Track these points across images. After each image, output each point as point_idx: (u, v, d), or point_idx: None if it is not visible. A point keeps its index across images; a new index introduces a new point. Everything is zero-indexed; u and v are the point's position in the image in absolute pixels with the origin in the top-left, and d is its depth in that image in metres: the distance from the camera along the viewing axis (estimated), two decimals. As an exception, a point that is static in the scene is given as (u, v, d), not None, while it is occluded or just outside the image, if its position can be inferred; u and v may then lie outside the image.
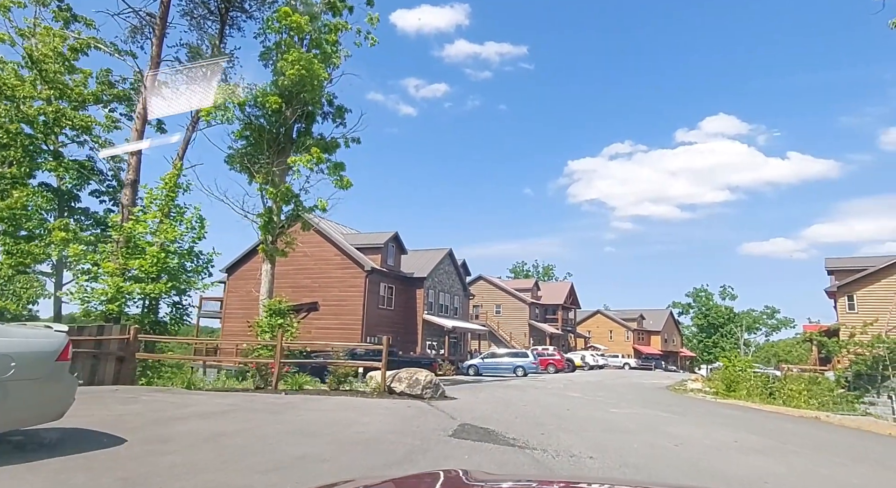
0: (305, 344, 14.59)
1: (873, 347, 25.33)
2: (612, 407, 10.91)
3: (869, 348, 25.35)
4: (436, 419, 7.79)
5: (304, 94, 17.24)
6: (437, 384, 10.66)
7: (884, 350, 25.03)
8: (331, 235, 32.99)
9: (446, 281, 38.41)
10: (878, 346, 25.43)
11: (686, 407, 12.40)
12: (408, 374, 10.51)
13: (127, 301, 14.53)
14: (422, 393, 10.23)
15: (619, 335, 68.54)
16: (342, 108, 19.99)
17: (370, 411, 8.12)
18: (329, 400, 9.25)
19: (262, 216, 17.11)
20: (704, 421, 9.46)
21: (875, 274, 32.82)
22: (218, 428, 6.03)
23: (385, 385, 10.51)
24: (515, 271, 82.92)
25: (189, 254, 14.51)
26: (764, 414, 11.55)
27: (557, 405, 10.95)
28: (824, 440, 8.02)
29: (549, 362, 35.96)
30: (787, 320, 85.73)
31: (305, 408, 8.08)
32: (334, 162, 18.20)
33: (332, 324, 31.28)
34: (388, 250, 33.88)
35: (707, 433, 7.81)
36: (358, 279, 31.93)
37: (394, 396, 10.34)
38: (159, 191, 14.64)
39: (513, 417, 8.53)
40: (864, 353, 25.97)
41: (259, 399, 9.19)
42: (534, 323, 53.57)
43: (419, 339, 34.56)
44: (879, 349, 25.28)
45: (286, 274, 32.97)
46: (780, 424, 9.55)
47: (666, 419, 9.33)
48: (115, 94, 19.07)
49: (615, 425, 8.23)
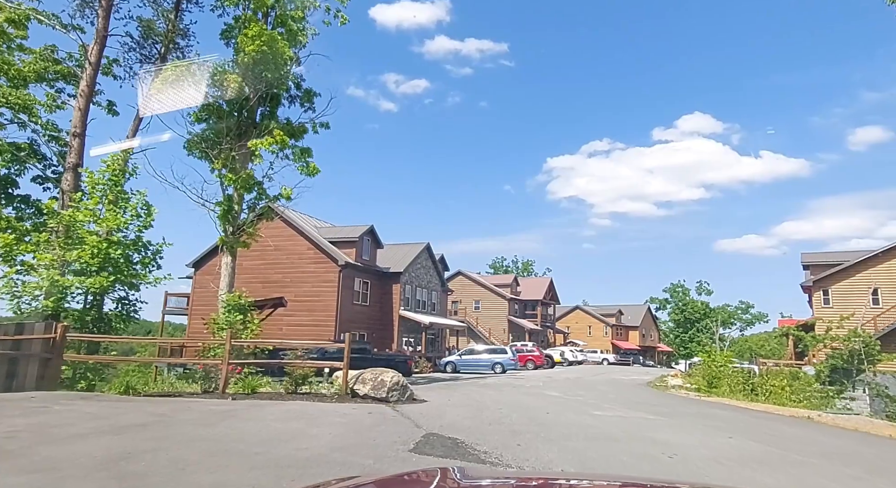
0: (270, 342, 13.39)
1: (849, 341, 25.24)
2: (594, 409, 10.09)
3: (845, 342, 25.27)
4: (398, 428, 6.80)
5: (267, 73, 15.98)
6: (405, 385, 9.66)
7: (859, 344, 24.96)
8: (303, 228, 31.64)
9: (424, 276, 37.38)
10: (853, 341, 25.35)
11: (671, 406, 11.67)
12: (372, 375, 9.49)
13: (66, 296, 13.14)
14: (387, 395, 9.23)
15: (598, 330, 68.56)
16: (311, 91, 18.77)
17: (322, 420, 7.08)
18: (279, 407, 8.17)
19: (221, 205, 15.81)
20: (695, 424, 8.69)
21: (849, 269, 32.99)
22: (125, 448, 4.93)
23: (347, 387, 9.48)
24: (495, 267, 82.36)
25: (135, 244, 13.17)
26: (753, 414, 10.88)
27: (536, 407, 10.08)
28: (827, 446, 7.29)
29: (528, 358, 35.33)
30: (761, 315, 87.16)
31: (247, 418, 7.00)
32: (301, 147, 17.01)
33: (304, 321, 30.01)
34: (363, 244, 32.67)
35: (701, 440, 7.00)
36: (331, 274, 30.64)
37: (356, 400, 9.32)
38: (101, 175, 13.26)
39: (486, 424, 7.60)
40: (841, 348, 25.90)
41: (198, 406, 8.06)
42: (513, 318, 52.98)
43: (395, 336, 33.48)
44: (855, 343, 25.20)
45: (255, 268, 31.56)
46: (774, 426, 8.85)
47: (653, 423, 8.53)
48: (61, 71, 17.48)
49: (600, 432, 7.37)
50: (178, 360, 16.06)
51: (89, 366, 12.56)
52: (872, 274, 32.64)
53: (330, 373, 12.10)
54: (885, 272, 32.31)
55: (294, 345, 12.73)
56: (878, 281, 32.47)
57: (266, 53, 15.63)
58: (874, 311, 31.40)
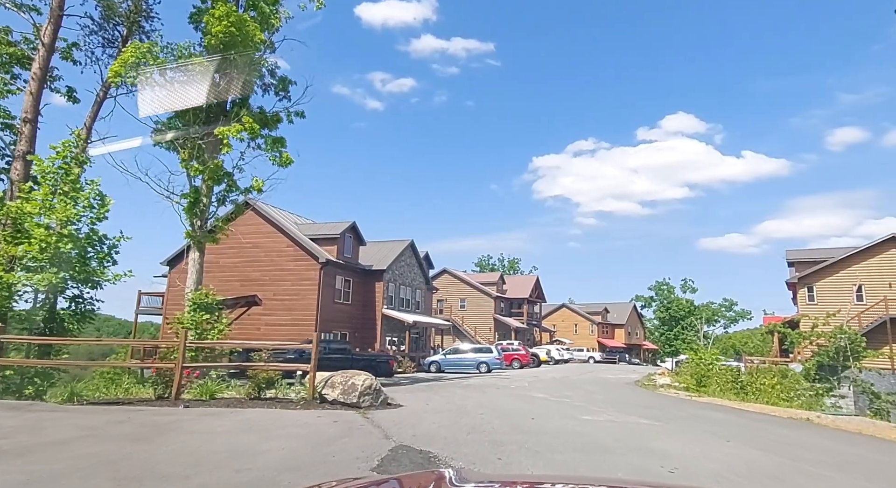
0: (233, 343, 12.45)
1: (836, 338, 25.06)
2: (582, 413, 9.38)
3: (831, 339, 25.09)
4: (364, 440, 6.00)
5: (237, 57, 15.01)
6: (378, 389, 8.85)
7: (845, 341, 24.79)
8: (283, 225, 30.60)
9: (408, 274, 36.53)
10: (839, 337, 25.17)
11: (663, 408, 11.03)
12: (343, 379, 8.66)
13: (12, 295, 12.06)
14: (359, 400, 8.41)
15: (584, 328, 68.32)
16: (286, 79, 17.81)
17: (279, 432, 6.24)
18: (235, 416, 7.30)
19: (187, 196, 14.80)
20: (692, 430, 8.02)
21: (833, 265, 32.93)
22: (22, 476, 4.05)
23: (314, 392, 8.63)
24: (481, 265, 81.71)
25: (89, 238, 12.15)
26: (749, 416, 10.29)
27: (521, 412, 9.34)
28: (839, 454, 6.67)
29: (514, 357, 34.74)
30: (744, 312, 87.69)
31: (191, 430, 6.13)
32: (273, 136, 16.06)
33: (283, 320, 29.01)
34: (344, 241, 31.72)
35: (703, 449, 6.32)
36: (312, 271, 29.62)
37: (324, 405, 8.49)
38: (51, 163, 12.20)
39: (465, 433, 6.83)
40: (826, 345, 25.72)
41: (141, 416, 7.16)
42: (499, 317, 52.37)
43: (378, 335, 32.59)
44: (841, 340, 25.03)
45: (233, 266, 30.45)
46: (775, 431, 8.24)
47: (648, 429, 7.85)
48: (14, 53, 16.28)
49: (591, 440, 6.65)
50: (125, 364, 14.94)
51: (38, 371, 11.53)
52: (856, 271, 32.62)
53: (303, 376, 11.26)
54: (868, 269, 32.31)
55: (257, 346, 11.76)
56: (862, 278, 32.45)
57: (235, 36, 14.67)
58: (858, 308, 31.36)
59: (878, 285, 31.52)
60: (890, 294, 30.66)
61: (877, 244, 32.22)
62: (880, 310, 29.87)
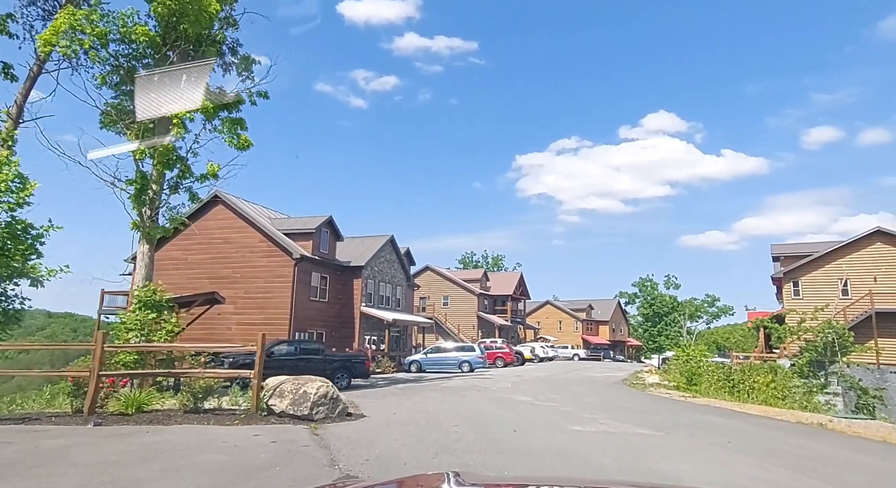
0: (163, 347, 10.87)
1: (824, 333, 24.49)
2: (572, 422, 8.21)
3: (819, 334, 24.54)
4: (301, 470, 4.71)
5: (188, 27, 13.51)
6: (336, 398, 7.54)
7: (833, 335, 24.22)
8: (255, 219, 28.99)
9: (387, 270, 35.17)
10: (827, 332, 24.60)
11: (659, 413, 9.93)
12: (293, 386, 7.33)
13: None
14: (311, 412, 7.10)
15: (569, 325, 67.66)
16: (249, 57, 16.35)
17: (192, 460, 4.91)
18: (145, 438, 5.92)
19: (134, 183, 13.27)
20: (698, 442, 6.90)
21: (819, 259, 32.52)
22: None
23: (258, 403, 7.30)
24: (464, 262, 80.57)
25: (10, 228, 10.58)
26: (755, 421, 9.24)
27: (501, 421, 8.13)
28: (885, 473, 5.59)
29: (498, 355, 33.67)
30: (726, 308, 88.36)
31: (77, 460, 4.77)
32: (231, 118, 14.61)
33: (256, 320, 27.43)
34: (321, 236, 30.23)
35: (720, 471, 5.18)
36: (286, 268, 28.07)
37: (270, 419, 7.17)
38: (-37, 141, 10.64)
39: (432, 455, 5.58)
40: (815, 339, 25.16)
41: (32, 437, 5.76)
42: (482, 314, 51.29)
43: (357, 334, 31.19)
44: (829, 335, 24.46)
45: (202, 263, 28.77)
46: (791, 441, 7.17)
47: (649, 442, 6.69)
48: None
49: (584, 462, 5.46)
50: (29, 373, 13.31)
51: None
52: (842, 264, 32.26)
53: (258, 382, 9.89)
54: (853, 263, 31.95)
55: (188, 348, 10.29)
56: (847, 272, 32.09)
57: (186, 4, 13.17)
58: (844, 302, 30.96)
59: (863, 279, 31.19)
60: (875, 288, 30.34)
61: (862, 238, 31.88)
62: (865, 304, 29.48)
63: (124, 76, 13.97)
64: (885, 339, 28.42)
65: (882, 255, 31.62)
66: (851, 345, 24.05)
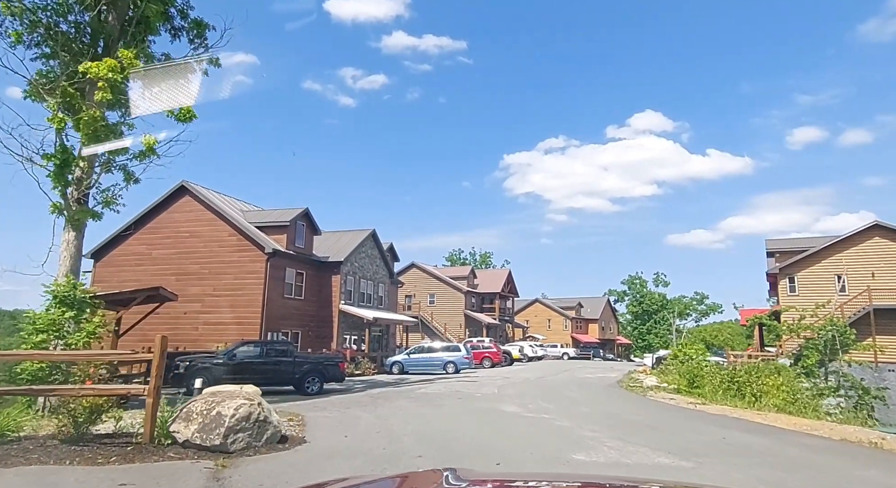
0: (94, 355, 9.06)
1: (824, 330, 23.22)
2: (572, 446, 6.49)
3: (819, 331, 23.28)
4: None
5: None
6: (264, 420, 5.72)
7: (833, 333, 22.98)
8: (224, 211, 26.93)
9: (369, 266, 33.29)
10: (827, 329, 23.34)
11: (675, 430, 8.27)
12: (205, 406, 5.51)
13: None
14: (225, 441, 5.30)
15: (558, 324, 66.30)
16: (201, 22, 14.37)
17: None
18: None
19: (53, 158, 11.29)
20: (743, 477, 5.20)
21: (815, 255, 31.42)
22: None
23: (152, 431, 5.45)
24: (452, 259, 78.82)
25: None
26: (794, 439, 7.60)
27: (480, 448, 6.38)
28: None
29: (485, 355, 32.05)
30: (715, 305, 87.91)
31: None
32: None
33: (226, 319, 25.42)
34: (296, 229, 28.26)
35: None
36: (257, 263, 26.05)
37: (170, 451, 5.34)
38: None
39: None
40: (814, 337, 23.91)
41: None
42: (470, 313, 49.63)
43: (335, 334, 29.30)
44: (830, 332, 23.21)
45: (168, 258, 26.65)
46: (860, 474, 5.54)
47: (677, 476, 5.01)
48: None
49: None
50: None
51: None
52: (838, 260, 31.17)
53: (201, 390, 8.04)
54: (850, 258, 30.86)
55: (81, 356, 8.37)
56: (844, 267, 30.98)
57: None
58: (841, 299, 29.83)
59: (860, 275, 30.14)
60: (873, 284, 29.27)
61: (860, 232, 30.83)
62: (863, 301, 28.40)
63: (49, 37, 11.98)
64: (882, 337, 27.34)
65: (880, 250, 30.57)
66: (853, 343, 22.87)
